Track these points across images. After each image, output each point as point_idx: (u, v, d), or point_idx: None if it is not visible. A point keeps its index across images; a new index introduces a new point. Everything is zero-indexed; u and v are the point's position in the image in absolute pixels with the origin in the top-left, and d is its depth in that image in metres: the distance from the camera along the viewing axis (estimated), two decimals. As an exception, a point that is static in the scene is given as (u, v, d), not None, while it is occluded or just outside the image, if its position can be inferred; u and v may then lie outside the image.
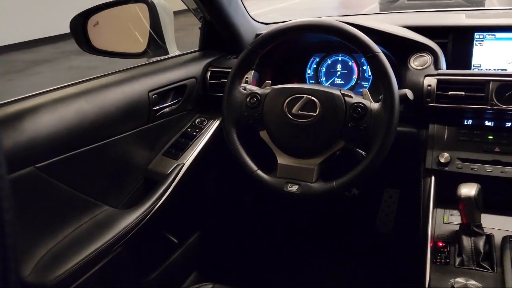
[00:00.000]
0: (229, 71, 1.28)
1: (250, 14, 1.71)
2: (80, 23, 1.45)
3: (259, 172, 1.21)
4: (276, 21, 1.79)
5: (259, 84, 1.38)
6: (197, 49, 1.72)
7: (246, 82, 1.42)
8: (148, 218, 1.28)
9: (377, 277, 1.81)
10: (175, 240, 1.58)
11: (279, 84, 1.25)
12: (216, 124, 1.54)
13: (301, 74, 1.65)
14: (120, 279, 1.31)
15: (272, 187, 1.19)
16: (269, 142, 1.22)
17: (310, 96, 1.16)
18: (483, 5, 7.60)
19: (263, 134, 1.23)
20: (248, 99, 1.23)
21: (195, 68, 1.57)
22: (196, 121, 1.56)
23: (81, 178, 1.21)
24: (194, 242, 1.69)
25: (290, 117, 1.17)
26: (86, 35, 1.47)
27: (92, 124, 1.21)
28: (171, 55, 1.62)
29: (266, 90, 1.23)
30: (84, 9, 1.45)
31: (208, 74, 1.59)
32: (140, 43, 1.56)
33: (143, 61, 1.57)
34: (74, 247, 1.15)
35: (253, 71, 1.49)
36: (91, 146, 1.21)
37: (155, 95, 1.40)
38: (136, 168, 1.41)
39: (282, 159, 1.20)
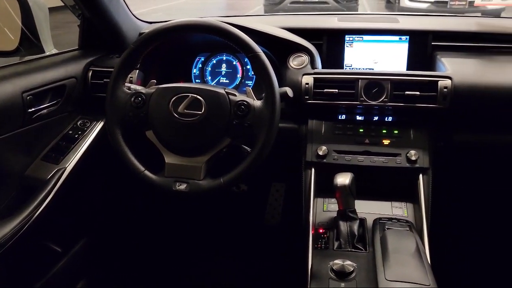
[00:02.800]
0: (111, 71, 1.24)
1: (134, 13, 1.68)
2: None
3: (147, 172, 1.19)
4: (160, 20, 1.78)
5: (144, 84, 1.36)
6: (77, 47, 1.64)
7: (131, 82, 1.40)
8: (27, 228, 1.20)
9: (267, 268, 1.89)
10: (58, 248, 1.49)
11: (165, 83, 1.25)
12: (100, 125, 1.49)
13: (187, 74, 1.66)
14: None
15: (160, 187, 1.18)
16: (156, 142, 1.21)
17: (195, 95, 1.17)
18: (356, 10, 8.24)
19: (149, 134, 1.21)
20: (132, 99, 1.20)
21: (75, 68, 1.50)
22: (78, 123, 1.49)
23: None
24: (81, 249, 1.62)
25: (176, 116, 1.17)
26: None
27: None
28: (47, 53, 1.53)
29: (151, 89, 1.22)
30: None
31: (90, 73, 1.52)
32: (11, 40, 1.45)
33: (15, 60, 1.46)
34: None
35: (137, 70, 1.46)
36: None
37: (30, 96, 1.31)
38: (11, 175, 1.31)
39: (169, 159, 1.20)
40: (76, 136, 1.44)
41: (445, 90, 1.31)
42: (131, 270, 1.87)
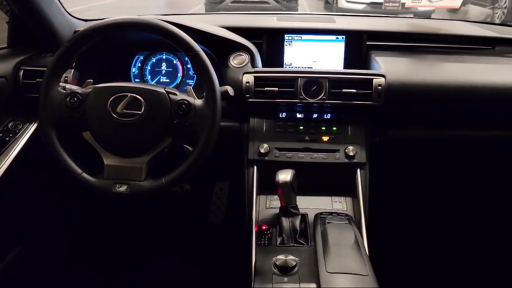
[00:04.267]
0: (44, 70, 1.19)
1: (69, 10, 1.61)
2: None
3: (84, 175, 1.16)
4: (96, 18, 1.72)
5: (80, 83, 1.31)
6: (6, 45, 1.55)
7: (66, 82, 1.35)
8: None
9: (212, 266, 1.89)
10: None
11: (103, 83, 1.21)
12: (33, 127, 1.43)
13: (125, 73, 1.62)
14: None
15: (99, 189, 1.15)
16: (94, 143, 1.17)
17: (135, 95, 1.15)
18: (296, 10, 8.39)
19: (87, 135, 1.18)
20: (67, 99, 1.16)
21: (4, 67, 1.43)
22: (9, 125, 1.41)
23: None
24: (15, 260, 1.53)
25: (115, 116, 1.14)
26: None
27: None
28: (-27, 52, 1.44)
29: (88, 89, 1.18)
30: None
31: (21, 73, 1.45)
32: None
33: None
34: None
35: (72, 70, 1.41)
36: None
37: None
38: None
39: (108, 160, 1.17)
40: (7, 139, 1.37)
41: (379, 87, 1.37)
42: (69, 277, 1.80)
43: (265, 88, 1.39)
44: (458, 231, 1.98)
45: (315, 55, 1.59)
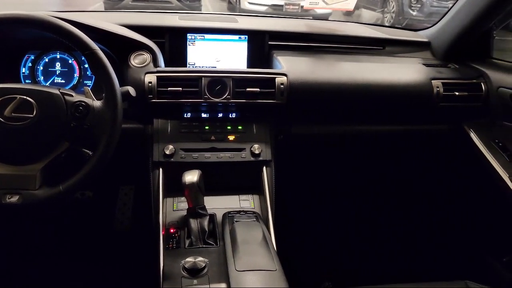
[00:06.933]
0: None
1: None
2: None
3: None
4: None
5: None
6: None
7: None
8: None
9: (119, 274, 1.81)
10: None
11: None
12: None
13: (14, 74, 1.49)
14: None
15: None
16: None
17: (25, 97, 1.06)
18: (200, 10, 8.35)
19: None
20: None
21: None
22: None
23: None
24: None
25: (2, 120, 1.05)
26: None
27: None
28: None
29: None
30: None
31: None
32: None
33: None
34: None
35: None
36: None
37: None
38: None
39: None
40: None
41: (282, 86, 1.41)
42: None
43: (169, 88, 1.36)
44: (362, 223, 2.09)
45: (218, 55, 1.59)
